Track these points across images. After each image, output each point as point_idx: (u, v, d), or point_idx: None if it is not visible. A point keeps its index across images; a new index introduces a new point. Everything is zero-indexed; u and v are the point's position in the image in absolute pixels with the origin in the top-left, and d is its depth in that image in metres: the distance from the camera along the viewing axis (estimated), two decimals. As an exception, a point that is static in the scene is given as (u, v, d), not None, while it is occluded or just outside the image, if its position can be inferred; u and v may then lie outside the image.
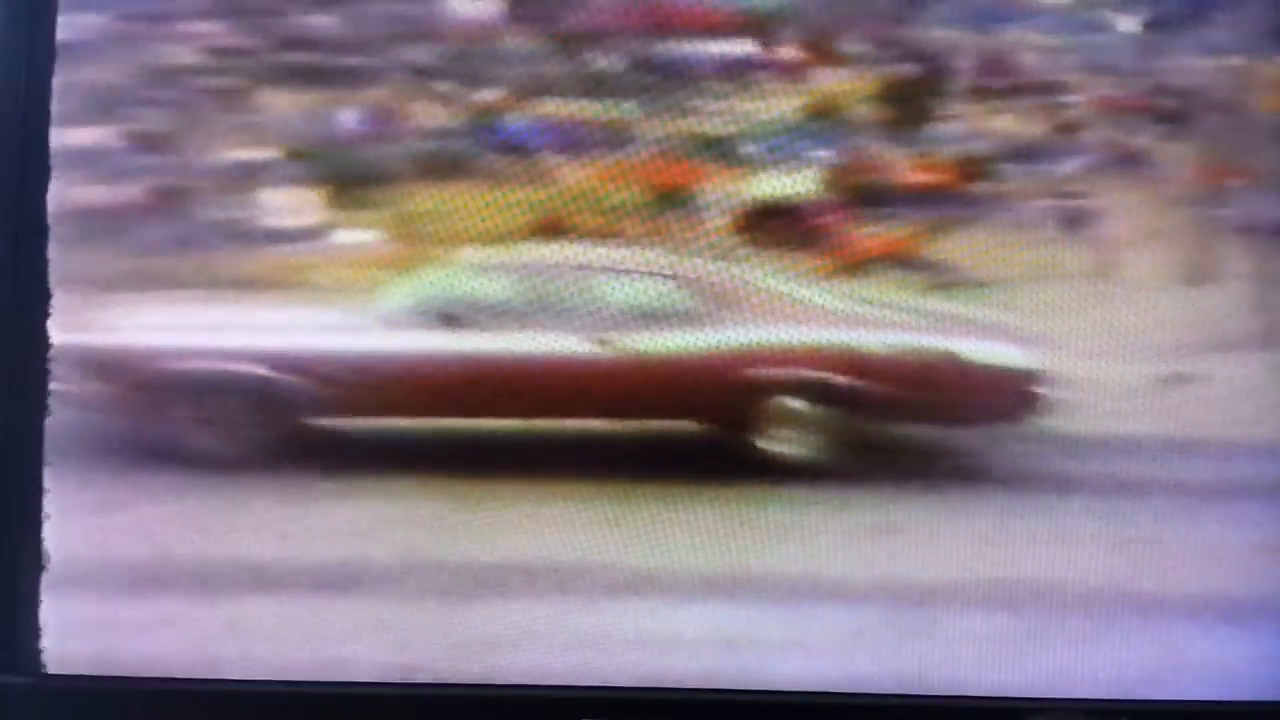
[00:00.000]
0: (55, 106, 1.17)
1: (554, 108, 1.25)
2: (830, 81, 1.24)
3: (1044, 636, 1.18)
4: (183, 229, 1.23)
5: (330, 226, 1.25)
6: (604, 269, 1.26)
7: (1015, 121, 1.25)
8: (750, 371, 1.29)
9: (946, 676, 1.18)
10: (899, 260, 1.24)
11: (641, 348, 1.27)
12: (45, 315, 1.18)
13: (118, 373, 1.26)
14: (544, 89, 1.25)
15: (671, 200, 1.24)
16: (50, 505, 1.20)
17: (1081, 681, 1.18)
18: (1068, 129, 1.24)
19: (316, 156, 1.24)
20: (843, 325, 1.27)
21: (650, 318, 1.27)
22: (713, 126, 1.23)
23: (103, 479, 1.24)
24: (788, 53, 1.24)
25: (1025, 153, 1.24)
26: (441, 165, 1.24)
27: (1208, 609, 1.20)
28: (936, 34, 1.25)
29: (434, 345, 1.29)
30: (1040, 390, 1.24)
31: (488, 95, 1.25)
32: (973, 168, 1.24)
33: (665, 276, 1.27)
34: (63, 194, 1.17)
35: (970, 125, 1.25)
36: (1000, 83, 1.25)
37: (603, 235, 1.23)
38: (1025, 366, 1.25)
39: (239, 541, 1.24)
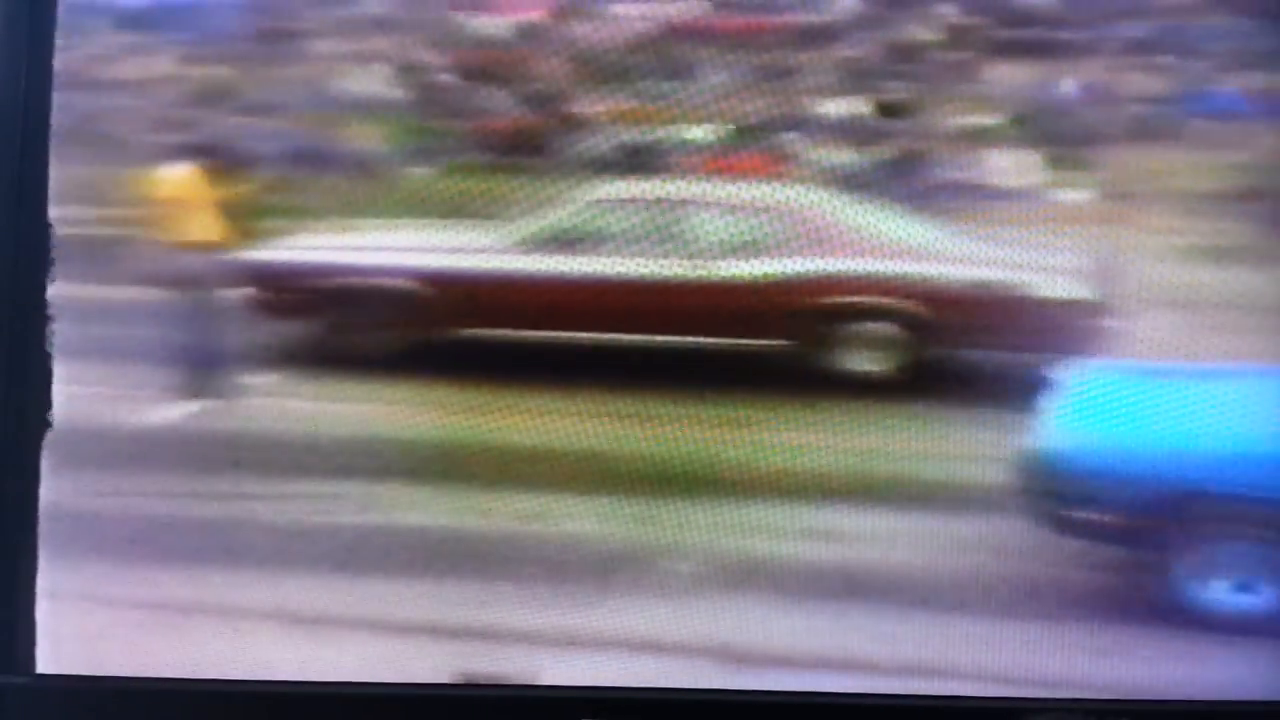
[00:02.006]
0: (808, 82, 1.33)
1: (1260, 79, 1.35)
2: None
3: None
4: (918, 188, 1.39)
5: (1048, 186, 1.38)
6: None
7: None
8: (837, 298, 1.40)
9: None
10: None
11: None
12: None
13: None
14: (1252, 62, 1.35)
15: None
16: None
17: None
18: None
19: (1037, 122, 1.38)
20: (922, 259, 1.37)
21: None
22: None
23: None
24: None
25: None
26: (1150, 131, 1.36)
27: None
28: None
29: (558, 269, 1.42)
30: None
31: (1197, 66, 1.37)
32: None
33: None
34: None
35: None
36: None
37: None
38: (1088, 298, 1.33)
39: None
